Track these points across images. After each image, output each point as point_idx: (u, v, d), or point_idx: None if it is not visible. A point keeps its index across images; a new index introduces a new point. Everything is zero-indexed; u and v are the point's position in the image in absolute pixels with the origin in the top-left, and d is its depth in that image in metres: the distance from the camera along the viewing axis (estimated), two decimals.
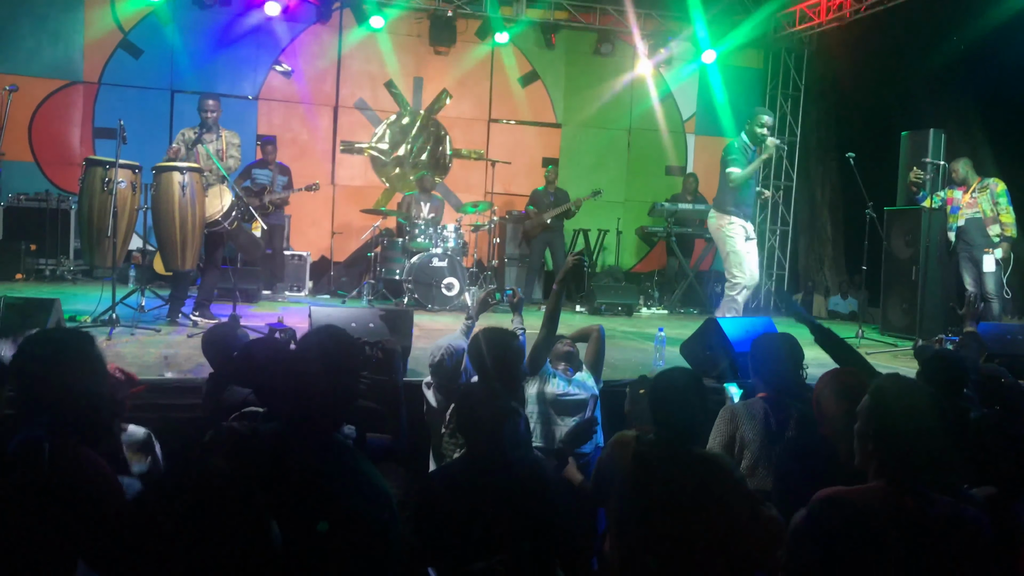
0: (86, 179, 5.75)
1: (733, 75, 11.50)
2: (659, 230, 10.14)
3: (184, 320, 6.15)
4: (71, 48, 9.66)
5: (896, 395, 2.15)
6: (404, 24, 10.57)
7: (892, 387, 2.19)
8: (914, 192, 7.82)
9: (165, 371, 4.36)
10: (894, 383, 2.23)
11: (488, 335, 3.53)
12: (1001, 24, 7.61)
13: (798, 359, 3.53)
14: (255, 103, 10.26)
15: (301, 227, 9.95)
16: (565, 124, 11.28)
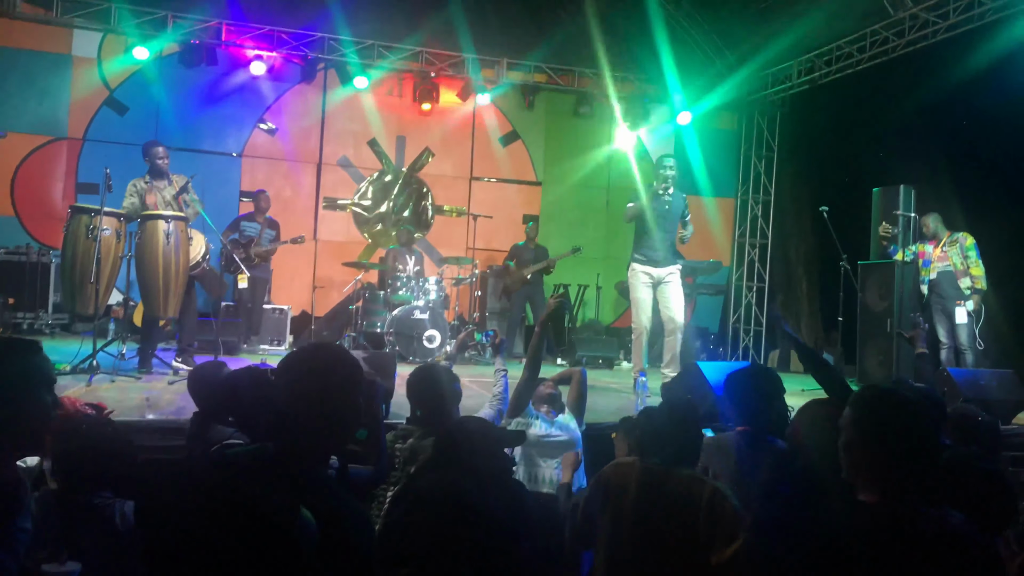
0: (71, 226, 5.78)
1: (708, 136, 11.80)
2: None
3: (163, 368, 6.12)
4: (57, 105, 9.77)
5: (876, 400, 2.17)
6: (387, 84, 10.81)
7: (870, 395, 2.22)
8: (886, 246, 8.02)
9: (147, 413, 4.34)
10: (871, 391, 2.26)
11: (416, 374, 3.53)
12: (968, 81, 7.92)
13: (776, 393, 3.48)
14: (239, 160, 10.38)
15: (282, 281, 9.98)
16: (545, 182, 11.49)
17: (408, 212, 11.01)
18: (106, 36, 9.81)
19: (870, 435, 2.11)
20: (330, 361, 2.05)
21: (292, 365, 2.06)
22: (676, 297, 6.76)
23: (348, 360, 2.07)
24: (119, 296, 8.28)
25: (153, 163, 6.55)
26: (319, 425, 1.96)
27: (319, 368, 2.02)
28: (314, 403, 1.95)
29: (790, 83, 10.64)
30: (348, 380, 2.03)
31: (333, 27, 10.20)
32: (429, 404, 3.36)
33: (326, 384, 1.99)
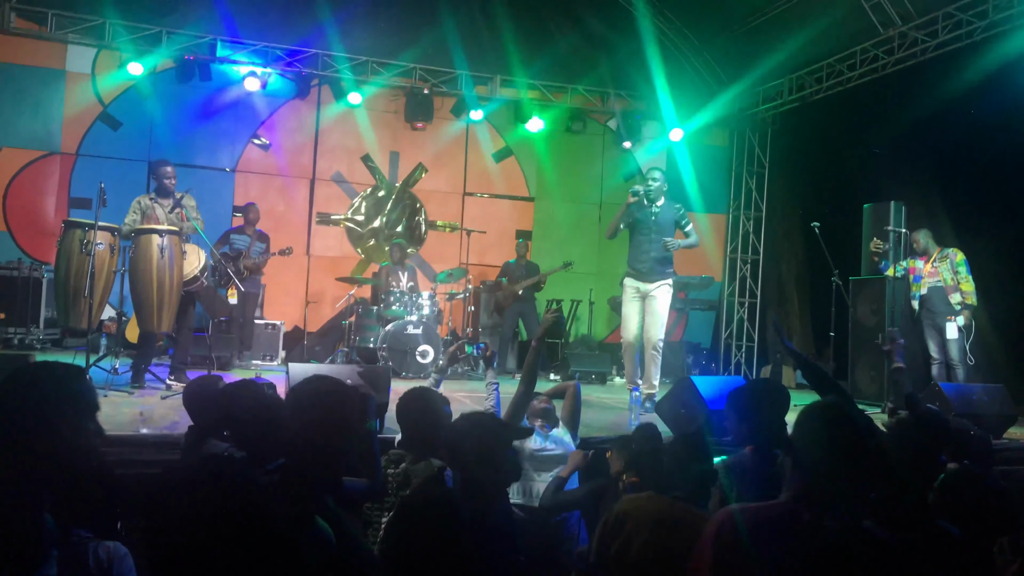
0: (65, 240, 5.78)
1: (700, 153, 11.88)
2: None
3: (156, 383, 6.11)
4: (50, 120, 9.77)
5: (815, 415, 2.20)
6: (381, 101, 10.85)
7: (815, 409, 2.24)
8: (876, 262, 8.07)
9: (141, 427, 4.32)
10: (820, 406, 2.27)
11: (405, 398, 3.49)
12: (956, 98, 8.01)
13: (784, 407, 3.46)
14: (232, 175, 10.39)
15: (275, 296, 9.97)
16: (538, 198, 11.53)
17: (401, 227, 11.04)
18: (100, 52, 9.83)
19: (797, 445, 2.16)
20: (334, 397, 2.19)
21: (300, 399, 2.21)
22: (657, 313, 6.71)
23: (351, 396, 2.25)
24: (111, 311, 8.27)
25: (160, 182, 6.60)
26: (323, 456, 2.09)
27: (324, 404, 2.16)
28: (320, 437, 2.10)
29: (781, 100, 10.73)
30: (351, 415, 2.19)
31: (327, 43, 10.24)
32: (420, 428, 3.35)
33: (331, 419, 2.13)
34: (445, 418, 3.40)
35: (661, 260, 6.76)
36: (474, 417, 2.87)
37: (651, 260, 6.75)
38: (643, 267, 6.78)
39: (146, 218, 6.35)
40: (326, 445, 2.09)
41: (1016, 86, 7.49)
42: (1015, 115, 7.48)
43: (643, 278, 6.77)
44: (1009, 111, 7.52)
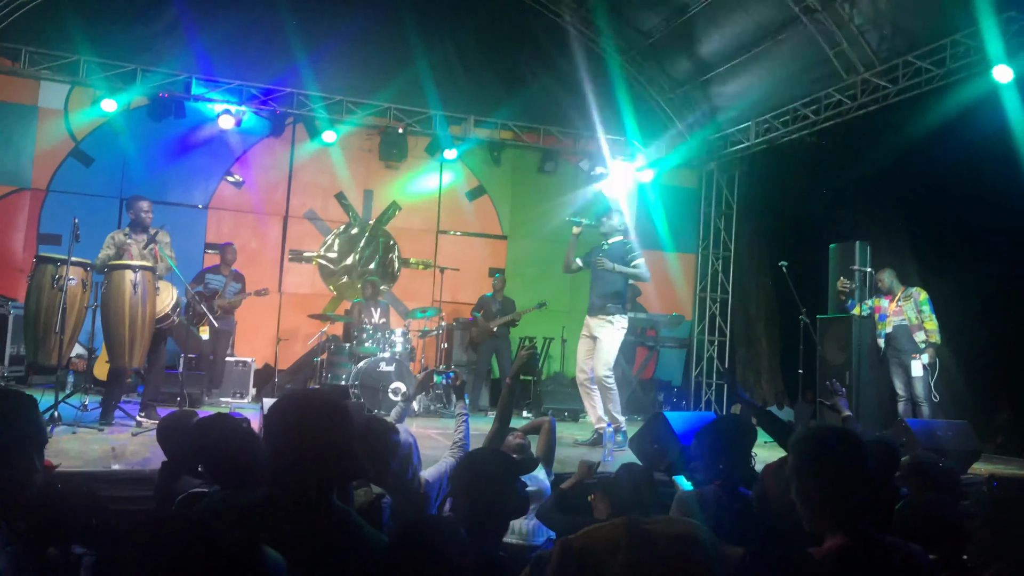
0: (35, 276, 5.73)
1: (669, 193, 12.08)
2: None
3: (126, 420, 6.03)
4: (21, 156, 9.71)
5: (816, 440, 2.24)
6: (356, 139, 10.93)
7: (802, 436, 2.28)
8: (843, 300, 8.23)
9: (113, 463, 4.27)
10: (802, 434, 2.32)
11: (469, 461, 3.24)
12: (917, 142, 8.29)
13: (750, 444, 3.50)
14: (205, 212, 10.36)
15: (246, 334, 9.90)
16: (511, 236, 11.63)
17: (374, 264, 11.06)
18: (74, 88, 9.82)
19: (812, 472, 2.17)
20: (308, 407, 2.10)
21: (273, 412, 2.12)
22: (599, 349, 6.76)
23: (329, 405, 2.12)
24: (80, 348, 8.17)
25: (137, 216, 6.57)
26: (302, 469, 1.98)
27: (297, 414, 2.08)
28: (294, 447, 2.00)
29: (748, 143, 10.97)
30: (330, 424, 2.07)
31: (302, 82, 10.32)
32: (364, 456, 3.31)
33: (305, 428, 2.03)
34: (394, 447, 3.35)
35: (602, 296, 6.84)
36: (482, 452, 2.89)
37: (594, 296, 6.91)
38: (591, 303, 6.94)
39: (120, 254, 6.31)
40: (311, 454, 2.01)
41: (973, 131, 7.76)
42: (973, 159, 7.74)
43: (590, 313, 6.92)
44: (968, 155, 7.79)
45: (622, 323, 6.83)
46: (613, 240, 6.96)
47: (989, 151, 7.56)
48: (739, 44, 9.98)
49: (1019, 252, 7.81)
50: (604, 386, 6.74)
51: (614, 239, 6.96)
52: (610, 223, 7.01)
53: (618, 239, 6.97)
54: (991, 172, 7.66)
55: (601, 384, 6.75)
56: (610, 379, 6.75)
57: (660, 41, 10.88)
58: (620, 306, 6.85)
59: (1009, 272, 7.97)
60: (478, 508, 2.59)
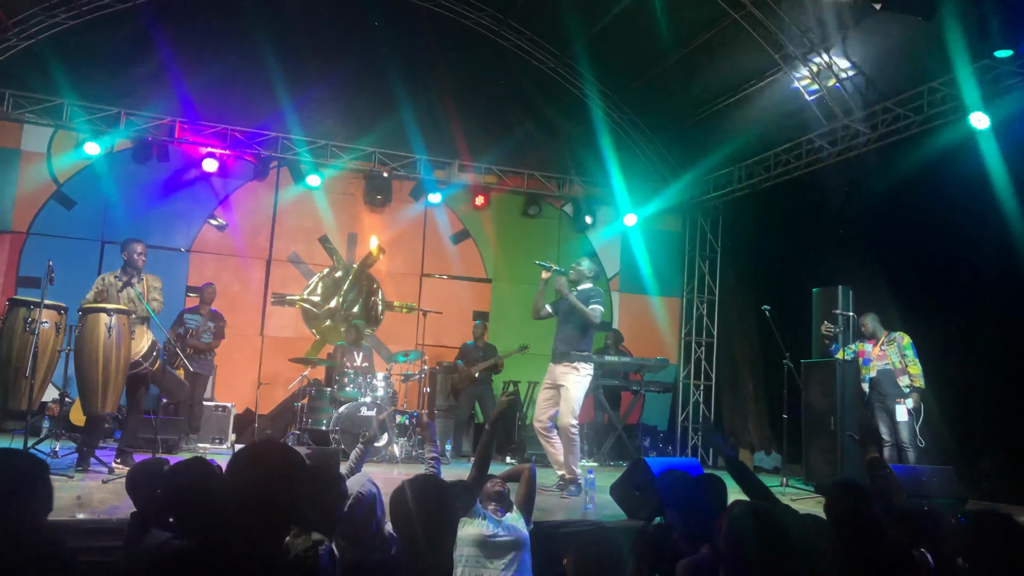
0: (7, 319, 5.65)
1: (654, 237, 12.13)
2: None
3: (99, 467, 5.90)
4: (3, 198, 9.67)
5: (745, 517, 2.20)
6: (340, 183, 10.95)
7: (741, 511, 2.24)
8: (827, 345, 8.21)
9: (78, 512, 4.15)
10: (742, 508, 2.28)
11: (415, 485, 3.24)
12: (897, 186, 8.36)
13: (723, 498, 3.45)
14: (187, 255, 10.30)
15: (227, 378, 9.79)
16: (495, 280, 11.61)
17: (358, 308, 10.99)
18: (57, 131, 9.83)
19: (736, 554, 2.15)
20: (271, 457, 2.13)
21: (236, 460, 2.15)
22: (564, 398, 6.62)
23: (290, 457, 2.16)
24: (55, 392, 8.04)
25: (130, 258, 6.49)
26: (251, 518, 2.02)
27: (259, 463, 2.11)
28: (249, 497, 2.04)
29: (731, 187, 11.05)
30: (286, 476, 2.10)
31: (287, 127, 10.38)
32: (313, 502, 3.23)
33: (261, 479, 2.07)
34: (340, 495, 3.27)
35: (566, 341, 6.75)
36: (418, 482, 2.82)
37: (558, 342, 6.83)
38: (554, 350, 6.85)
39: (100, 296, 6.25)
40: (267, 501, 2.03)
41: (952, 176, 7.83)
42: (953, 204, 7.79)
43: (554, 360, 6.83)
44: (947, 199, 7.84)
45: (587, 370, 6.70)
46: (582, 287, 6.91)
47: (968, 196, 7.61)
48: (721, 91, 10.10)
49: (1000, 296, 7.82)
50: (568, 436, 6.56)
51: (583, 286, 6.92)
52: (579, 269, 6.97)
53: (586, 286, 6.91)
54: (970, 217, 7.71)
55: (566, 434, 6.57)
56: (575, 428, 6.58)
57: (643, 87, 11.01)
58: (585, 353, 6.73)
59: (991, 316, 7.97)
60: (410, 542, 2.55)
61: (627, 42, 10.27)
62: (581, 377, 6.63)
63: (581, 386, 6.64)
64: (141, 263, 6.52)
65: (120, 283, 6.38)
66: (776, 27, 8.72)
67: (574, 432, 6.57)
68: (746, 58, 9.37)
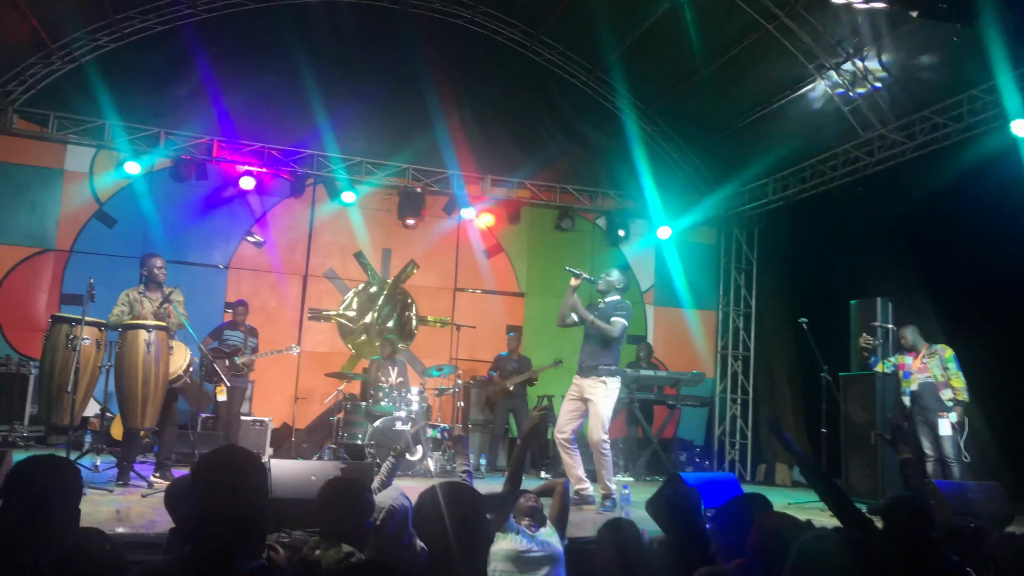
0: (51, 336, 5.77)
1: (688, 250, 12.06)
2: (622, 396, 10.20)
3: (139, 481, 5.98)
4: (46, 218, 9.89)
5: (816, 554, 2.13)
6: (375, 199, 11.05)
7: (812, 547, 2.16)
8: (866, 357, 8.08)
9: (117, 526, 4.21)
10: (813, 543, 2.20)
11: (446, 491, 3.25)
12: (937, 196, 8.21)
13: None
14: (225, 272, 10.46)
15: (264, 392, 9.90)
16: (528, 294, 11.61)
17: (392, 323, 11.05)
18: (99, 151, 10.05)
19: None
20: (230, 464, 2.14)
21: (197, 469, 2.19)
22: (593, 414, 6.54)
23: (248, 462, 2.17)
24: (96, 407, 8.18)
25: (151, 272, 6.57)
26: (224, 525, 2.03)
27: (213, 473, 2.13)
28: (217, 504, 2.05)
29: (766, 199, 10.94)
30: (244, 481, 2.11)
31: (323, 144, 10.51)
32: (339, 516, 3.25)
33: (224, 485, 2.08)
34: (365, 506, 3.28)
35: (593, 355, 6.66)
36: (449, 487, 2.81)
37: (585, 355, 6.73)
38: (580, 363, 6.75)
39: (133, 312, 6.34)
40: (230, 512, 2.03)
41: (993, 185, 7.68)
42: (995, 213, 7.63)
43: (580, 374, 6.73)
44: (989, 209, 7.69)
45: (615, 384, 6.60)
46: (610, 299, 6.86)
47: (1010, 205, 7.46)
48: (754, 102, 10.03)
49: None
50: (600, 452, 6.49)
51: (611, 297, 6.86)
52: (608, 280, 6.90)
53: (614, 298, 6.84)
54: (1013, 226, 7.54)
55: (598, 449, 6.49)
56: (606, 444, 6.50)
57: (676, 99, 10.97)
58: (612, 367, 6.62)
59: None
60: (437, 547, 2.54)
61: (659, 55, 10.25)
62: (610, 391, 6.56)
63: (610, 401, 6.58)
64: (162, 277, 6.59)
65: (146, 299, 6.45)
66: (810, 37, 8.65)
67: (606, 448, 6.52)
68: (780, 69, 9.29)
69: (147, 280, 6.60)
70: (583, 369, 6.70)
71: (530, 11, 10.83)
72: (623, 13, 9.78)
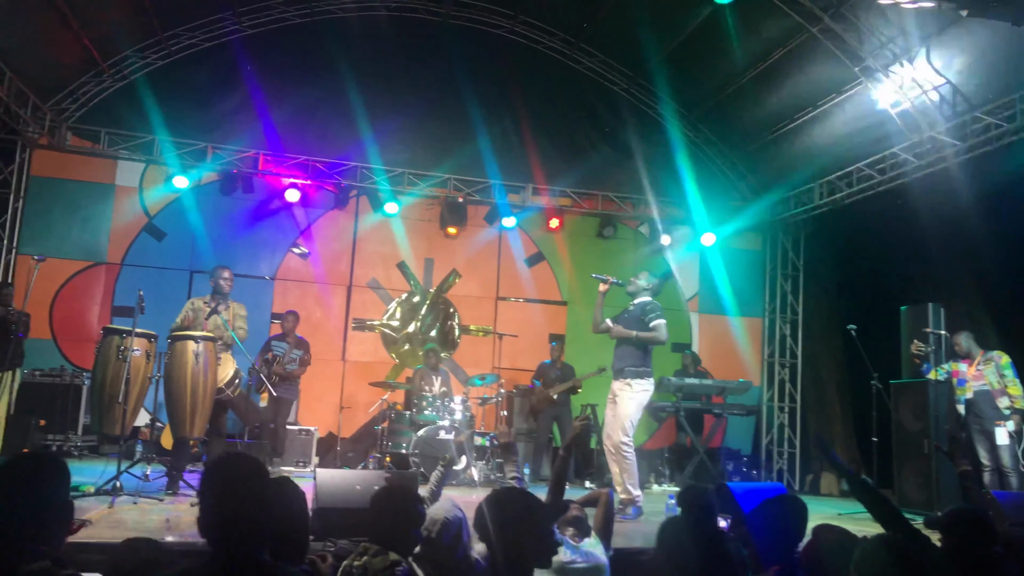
0: (102, 347, 5.89)
1: (733, 256, 11.91)
2: (667, 405, 10.12)
3: (188, 490, 6.07)
4: (98, 232, 10.14)
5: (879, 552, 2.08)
6: (417, 209, 11.12)
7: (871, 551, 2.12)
8: (918, 364, 7.89)
9: (167, 535, 4.28)
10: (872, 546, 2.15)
11: (494, 499, 3.30)
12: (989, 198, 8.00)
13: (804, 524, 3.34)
14: (271, 283, 10.60)
15: (310, 402, 9.99)
16: (571, 302, 11.57)
17: (435, 332, 11.10)
18: (148, 166, 10.28)
19: None
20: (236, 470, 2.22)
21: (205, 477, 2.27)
22: (616, 414, 6.48)
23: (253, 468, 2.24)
24: (147, 417, 8.34)
25: (216, 283, 6.75)
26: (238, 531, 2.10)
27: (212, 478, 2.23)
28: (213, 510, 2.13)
29: (813, 204, 10.77)
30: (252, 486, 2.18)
31: (365, 156, 10.62)
32: (389, 524, 3.24)
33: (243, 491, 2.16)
34: (416, 516, 3.28)
35: (622, 358, 6.62)
36: (513, 492, 2.80)
37: (615, 359, 6.70)
38: (613, 366, 6.72)
39: (197, 320, 6.48)
40: (239, 519, 2.09)
41: None
42: None
43: (614, 377, 6.70)
44: None
45: (642, 386, 6.50)
46: (638, 300, 6.80)
47: None
48: (799, 106, 9.89)
49: None
50: (621, 454, 6.39)
51: (640, 299, 6.79)
52: (638, 283, 6.85)
53: (643, 299, 6.78)
54: None
55: (618, 451, 6.40)
56: (628, 447, 6.40)
57: (718, 105, 10.88)
58: (640, 369, 6.54)
59: None
60: (505, 550, 2.51)
61: (701, 60, 10.18)
62: (635, 393, 6.48)
63: (635, 402, 6.49)
64: (228, 288, 6.75)
65: (208, 309, 6.60)
66: (855, 39, 8.50)
67: (627, 450, 6.43)
68: (824, 72, 9.15)
69: (214, 291, 6.77)
70: (615, 372, 6.71)
71: (570, 20, 10.83)
72: (664, 19, 9.73)
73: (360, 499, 4.43)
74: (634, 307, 6.76)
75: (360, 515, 4.19)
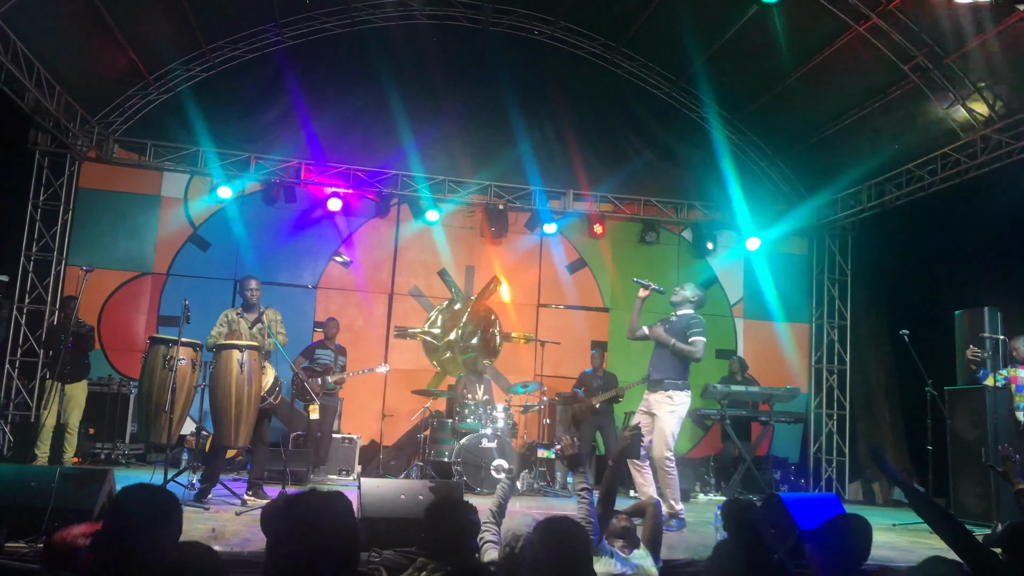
0: (148, 356, 5.94)
1: (778, 261, 11.70)
2: (713, 412, 9.94)
3: (231, 498, 6.09)
4: (144, 243, 10.28)
5: None
6: (458, 217, 11.11)
7: None
8: (974, 371, 7.65)
9: (213, 544, 4.27)
10: None
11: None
12: None
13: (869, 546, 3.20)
14: (314, 292, 10.66)
15: (351, 410, 10.01)
16: (613, 308, 11.45)
17: (476, 340, 11.05)
18: (193, 177, 10.42)
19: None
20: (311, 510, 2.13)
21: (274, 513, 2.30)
22: (657, 428, 6.36)
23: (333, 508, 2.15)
24: (193, 426, 8.42)
25: (243, 295, 6.80)
26: None
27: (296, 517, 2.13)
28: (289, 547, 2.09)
29: (860, 207, 10.54)
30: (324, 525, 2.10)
31: (406, 164, 10.65)
32: (444, 536, 3.19)
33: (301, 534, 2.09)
34: (472, 527, 3.24)
35: (660, 369, 6.51)
36: (556, 523, 2.71)
37: (652, 369, 6.59)
38: (649, 377, 6.62)
39: (230, 332, 6.50)
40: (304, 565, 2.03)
41: None
42: None
43: (649, 388, 6.58)
44: None
45: (682, 398, 6.39)
46: (681, 312, 6.67)
47: None
48: (846, 107, 9.69)
49: None
50: (663, 469, 6.29)
51: (683, 311, 6.67)
52: (682, 293, 6.72)
53: (686, 311, 6.65)
54: None
55: (660, 466, 6.30)
56: (671, 462, 6.29)
57: (762, 107, 10.70)
58: (679, 381, 6.43)
59: None
60: None
61: (744, 62, 10.03)
62: (676, 406, 6.38)
63: (676, 417, 6.38)
64: (255, 298, 6.75)
65: (243, 319, 6.62)
66: (904, 37, 8.30)
67: (670, 464, 6.31)
68: (872, 71, 8.95)
69: (243, 302, 6.80)
70: (651, 383, 6.57)
71: (610, 24, 10.76)
72: (706, 21, 9.60)
73: (405, 509, 4.39)
74: (677, 318, 6.64)
75: (405, 524, 4.17)
